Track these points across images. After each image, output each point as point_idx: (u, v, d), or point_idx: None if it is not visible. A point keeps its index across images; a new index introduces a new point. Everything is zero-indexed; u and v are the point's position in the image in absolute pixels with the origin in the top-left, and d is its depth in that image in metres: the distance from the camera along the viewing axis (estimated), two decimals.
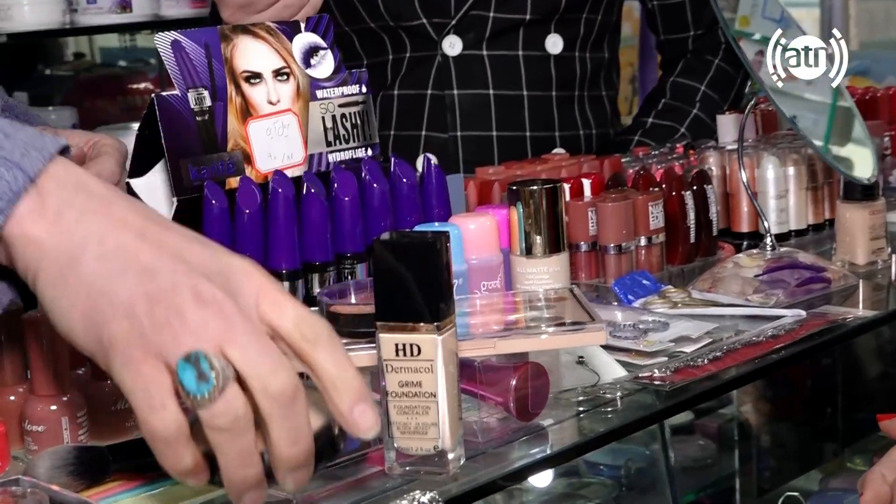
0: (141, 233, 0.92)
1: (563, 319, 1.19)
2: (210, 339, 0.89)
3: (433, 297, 1.04)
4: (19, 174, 0.92)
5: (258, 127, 1.40)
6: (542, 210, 1.35)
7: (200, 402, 0.88)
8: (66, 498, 1.02)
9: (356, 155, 1.49)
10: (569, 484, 2.16)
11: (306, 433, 0.92)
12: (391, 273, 1.05)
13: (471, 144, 2.11)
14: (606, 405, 1.24)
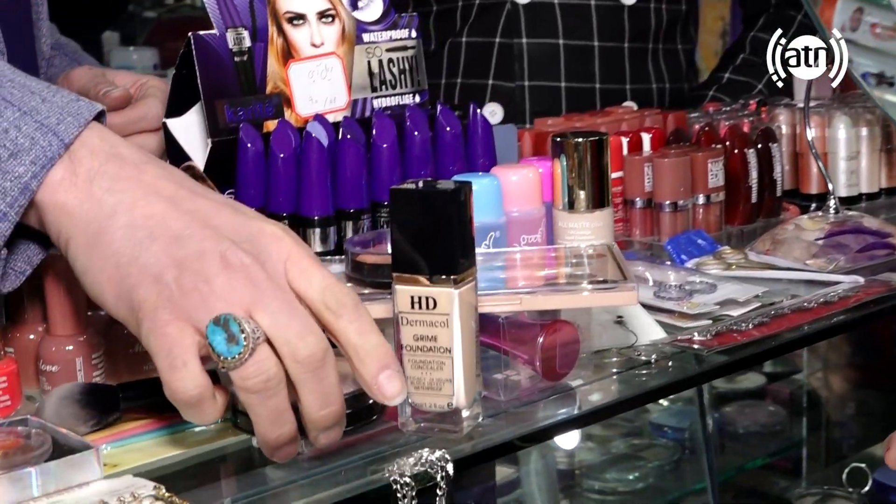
0: (171, 200, 0.93)
1: (595, 277, 1.14)
2: (238, 303, 0.89)
3: (451, 250, 1.00)
4: (54, 140, 0.93)
5: (299, 69, 1.36)
6: (585, 164, 1.30)
7: (231, 364, 0.89)
8: (69, 440, 1.00)
9: (403, 101, 1.45)
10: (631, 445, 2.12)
11: (336, 395, 0.93)
12: (407, 223, 1.01)
13: (538, 95, 2.07)
14: (641, 367, 1.19)
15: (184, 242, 0.91)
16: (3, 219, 0.93)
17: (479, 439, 1.05)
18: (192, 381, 0.89)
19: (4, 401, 1.07)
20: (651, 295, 1.34)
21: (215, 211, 0.94)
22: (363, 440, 1.04)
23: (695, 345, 1.22)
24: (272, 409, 0.91)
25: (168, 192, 0.94)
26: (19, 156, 0.92)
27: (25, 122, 0.93)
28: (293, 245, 0.93)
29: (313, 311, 0.92)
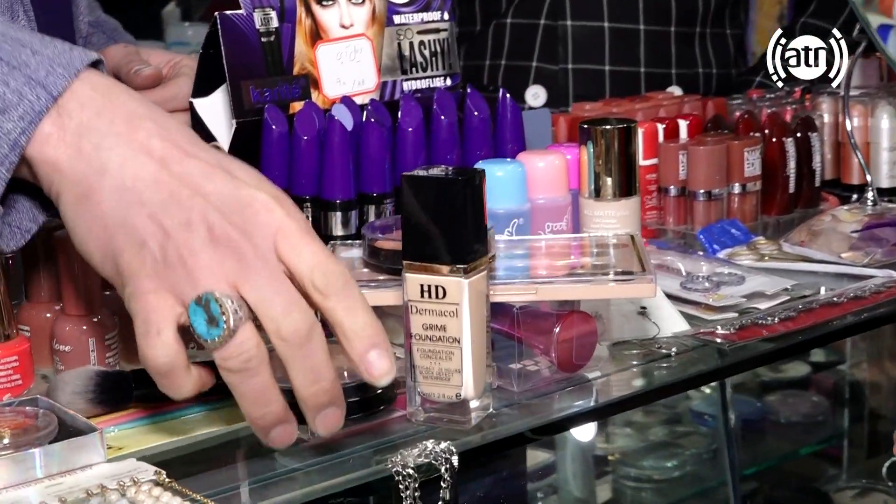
0: (162, 161, 0.91)
1: (615, 268, 1.12)
2: (224, 279, 0.88)
3: (462, 238, 0.99)
4: (42, 93, 0.91)
5: (328, 51, 1.35)
6: (613, 151, 1.28)
7: (211, 346, 0.88)
8: (76, 421, 1.00)
9: (433, 84, 1.43)
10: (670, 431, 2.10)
11: (325, 372, 0.91)
12: (418, 210, 1.00)
13: (582, 78, 2.05)
14: (661, 360, 1.17)
15: (171, 210, 0.89)
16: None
17: (488, 430, 1.04)
18: (163, 349, 0.88)
19: (15, 380, 1.07)
20: (678, 286, 1.32)
21: (207, 175, 0.91)
22: (371, 429, 1.03)
23: (717, 338, 1.20)
24: (253, 389, 0.90)
25: (159, 151, 0.91)
26: (7, 112, 0.90)
27: (14, 77, 0.91)
28: (284, 217, 0.91)
29: (302, 288, 0.91)
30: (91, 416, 1.04)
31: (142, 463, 0.97)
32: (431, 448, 0.98)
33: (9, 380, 1.07)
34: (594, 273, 1.12)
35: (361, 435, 1.02)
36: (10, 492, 0.93)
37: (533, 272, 1.14)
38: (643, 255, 1.14)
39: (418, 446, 0.98)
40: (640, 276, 1.09)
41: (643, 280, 1.08)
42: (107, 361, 1.11)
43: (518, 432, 1.06)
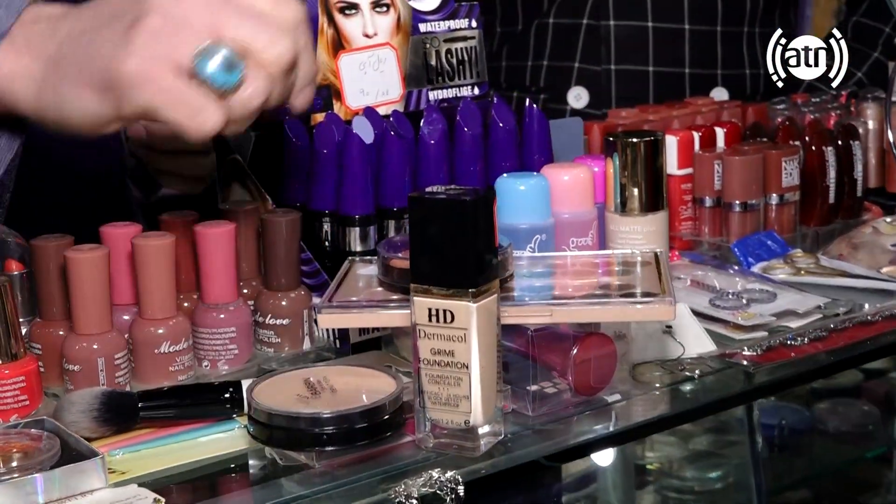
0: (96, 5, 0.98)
1: (635, 289, 1.09)
2: (205, 29, 0.92)
3: (469, 262, 0.96)
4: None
5: (350, 61, 1.33)
6: (639, 164, 1.24)
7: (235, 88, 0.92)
8: (79, 445, 0.98)
9: (461, 93, 1.41)
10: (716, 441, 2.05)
11: None
12: (425, 232, 0.97)
13: (625, 79, 2.01)
14: (684, 383, 1.14)
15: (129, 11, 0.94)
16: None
17: (499, 457, 1.01)
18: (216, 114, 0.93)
19: (22, 400, 1.06)
20: (707, 303, 1.28)
21: None
22: (379, 455, 1.01)
23: (743, 360, 1.17)
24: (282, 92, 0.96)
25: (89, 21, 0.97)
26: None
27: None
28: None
29: None
30: (97, 436, 1.03)
31: (142, 490, 0.96)
32: (437, 477, 0.96)
33: (16, 400, 1.05)
34: (613, 294, 1.08)
35: (369, 461, 1.00)
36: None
37: (551, 292, 1.11)
38: (666, 274, 1.11)
39: (423, 475, 0.96)
40: (659, 298, 1.05)
41: (662, 303, 1.05)
42: (116, 381, 1.10)
43: (531, 459, 1.03)
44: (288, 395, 1.01)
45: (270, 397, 1.01)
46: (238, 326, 1.16)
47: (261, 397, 1.01)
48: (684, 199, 1.52)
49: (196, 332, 1.16)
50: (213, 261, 1.15)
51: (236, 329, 1.16)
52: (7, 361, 1.06)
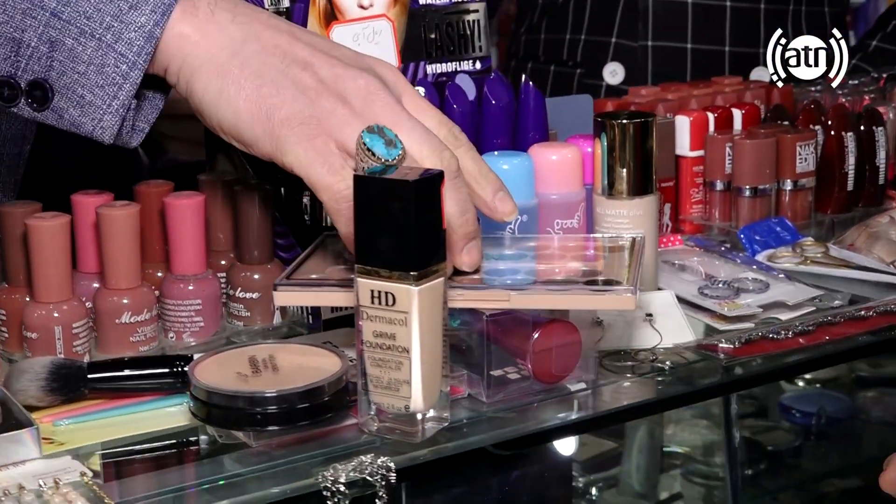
0: (291, 33, 1.02)
1: (600, 275, 1.06)
2: (376, 122, 0.98)
3: (411, 244, 0.93)
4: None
5: (343, 32, 1.30)
6: (627, 146, 1.21)
7: (389, 165, 0.96)
8: (20, 414, 0.98)
9: (461, 68, 1.38)
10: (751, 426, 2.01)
11: (471, 206, 1.00)
12: (369, 213, 0.95)
13: (662, 56, 1.96)
14: (654, 374, 1.11)
15: (315, 68, 0.99)
16: (133, 67, 0.99)
17: (445, 444, 0.99)
18: (349, 181, 0.95)
19: None
20: (695, 290, 1.24)
21: (333, 45, 1.04)
22: (321, 436, 0.99)
23: (720, 352, 1.13)
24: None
25: (285, 27, 1.02)
26: (139, 7, 0.98)
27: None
28: (405, 81, 1.05)
29: None
30: (45, 405, 1.02)
31: (75, 462, 0.95)
32: (368, 462, 0.94)
33: None
34: (578, 281, 1.05)
35: (311, 443, 0.98)
36: None
37: (516, 276, 1.08)
38: (636, 262, 1.07)
39: (355, 460, 0.94)
40: (621, 287, 1.02)
41: (623, 292, 1.02)
42: (74, 350, 1.09)
43: (478, 447, 1.00)
44: (229, 373, 0.99)
45: (212, 374, 0.99)
46: (204, 298, 1.15)
47: (202, 374, 0.99)
48: (696, 181, 1.48)
49: (162, 303, 1.15)
50: (180, 232, 1.14)
51: (202, 301, 1.15)
52: None
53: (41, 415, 1.02)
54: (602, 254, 1.12)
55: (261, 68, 0.98)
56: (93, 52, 0.98)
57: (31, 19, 0.98)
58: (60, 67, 0.99)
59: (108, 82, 0.99)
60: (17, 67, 1.00)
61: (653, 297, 1.20)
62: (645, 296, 1.19)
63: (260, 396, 0.96)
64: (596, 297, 1.02)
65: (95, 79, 0.99)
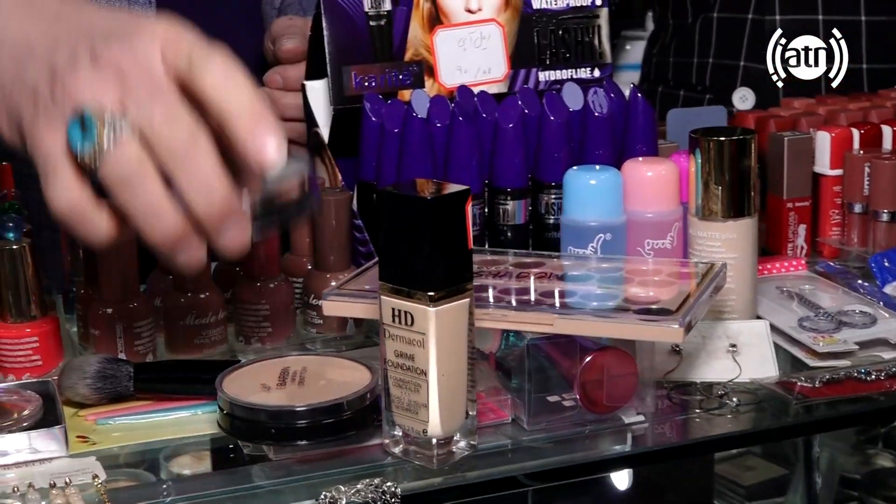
0: (57, 15, 0.91)
1: (656, 304, 1.00)
2: (106, 98, 0.84)
3: (431, 263, 0.90)
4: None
5: (448, 36, 1.28)
6: (724, 165, 1.13)
7: (88, 162, 0.83)
8: (56, 411, 1.00)
9: (578, 75, 1.33)
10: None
11: (217, 184, 0.84)
12: (391, 228, 0.92)
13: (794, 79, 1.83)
14: (716, 410, 1.04)
15: (59, 50, 0.87)
16: None
17: (472, 472, 0.95)
18: (61, 189, 0.84)
19: (35, 360, 1.08)
20: (795, 322, 1.16)
21: (99, 15, 0.90)
22: (345, 454, 0.97)
23: (795, 391, 1.05)
24: (143, 203, 0.84)
25: (53, 9, 0.91)
26: None
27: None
28: (168, 28, 0.87)
29: (184, 79, 0.85)
30: (91, 403, 1.04)
31: (96, 464, 0.96)
32: (374, 486, 0.91)
33: (28, 360, 1.08)
34: (632, 307, 1.00)
35: (334, 460, 0.96)
36: None
37: (571, 299, 1.03)
38: (699, 291, 1.01)
39: (361, 483, 0.91)
40: (667, 318, 0.96)
41: (669, 324, 0.96)
42: (135, 349, 1.10)
43: (505, 476, 0.96)
44: (254, 384, 0.98)
45: (238, 385, 0.98)
46: (273, 304, 1.14)
47: (230, 384, 0.98)
48: (835, 202, 1.39)
49: (236, 305, 1.15)
50: None
51: (270, 307, 1.14)
52: (22, 321, 1.08)
53: (88, 412, 1.03)
54: (670, 279, 1.05)
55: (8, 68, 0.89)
56: None
57: None
58: None
59: None
60: None
61: (743, 326, 1.13)
62: (734, 325, 1.13)
63: (277, 410, 0.94)
64: (641, 327, 0.96)
65: None
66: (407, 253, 0.91)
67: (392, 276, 0.92)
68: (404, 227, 0.91)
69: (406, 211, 0.90)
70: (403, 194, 0.91)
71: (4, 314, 1.08)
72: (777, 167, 1.36)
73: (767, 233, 1.37)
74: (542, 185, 1.22)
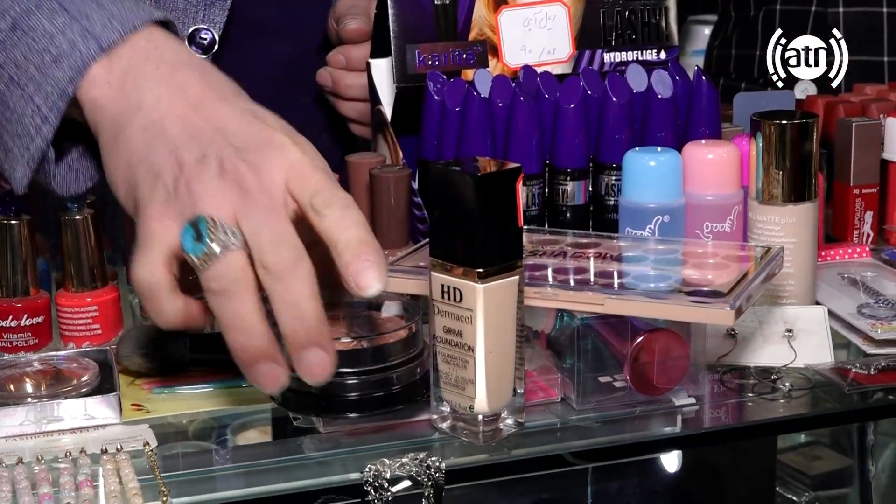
0: (195, 102, 0.94)
1: (709, 286, 0.99)
2: (225, 209, 0.89)
3: (479, 240, 0.90)
4: (93, 45, 0.94)
5: (513, 16, 1.28)
6: (785, 148, 1.12)
7: (196, 263, 0.88)
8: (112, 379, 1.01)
9: (643, 57, 1.32)
10: None
11: (309, 311, 0.88)
12: (441, 205, 0.92)
13: (856, 72, 1.78)
14: (768, 394, 1.03)
15: (190, 146, 0.91)
16: (45, 122, 0.95)
17: (518, 450, 0.95)
18: (146, 267, 0.89)
19: (95, 329, 1.10)
20: (854, 309, 1.15)
21: (234, 117, 0.93)
22: (393, 427, 0.98)
23: (849, 377, 1.04)
24: (234, 314, 0.88)
25: (194, 94, 0.94)
26: (60, 61, 0.94)
27: (72, 28, 0.95)
28: (298, 154, 0.91)
29: (304, 216, 0.90)
30: (147, 372, 1.05)
31: (149, 431, 0.97)
32: (422, 461, 0.92)
33: (88, 328, 1.10)
34: (684, 290, 0.99)
35: (381, 433, 0.97)
36: (10, 441, 0.96)
37: (625, 279, 1.03)
38: (753, 274, 1.00)
39: (406, 457, 0.92)
40: (717, 301, 0.95)
41: (720, 306, 0.95)
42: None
43: (551, 454, 0.96)
44: None
45: None
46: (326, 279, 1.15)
47: None
48: None
49: None
50: None
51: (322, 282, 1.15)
52: (82, 290, 1.10)
53: (144, 381, 1.05)
54: (726, 262, 1.05)
55: (138, 145, 0.92)
56: (17, 101, 0.95)
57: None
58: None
59: (24, 133, 0.96)
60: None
61: (800, 311, 1.11)
62: (791, 310, 1.12)
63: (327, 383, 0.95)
64: (691, 308, 0.96)
65: (16, 128, 0.96)
66: (456, 229, 0.91)
67: (442, 252, 0.93)
68: (454, 204, 0.91)
69: (456, 187, 0.91)
70: (454, 170, 0.91)
71: (66, 284, 1.10)
72: (844, 153, 1.35)
73: (834, 219, 1.36)
74: (603, 167, 1.22)
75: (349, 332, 0.99)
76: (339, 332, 0.98)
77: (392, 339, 0.97)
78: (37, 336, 1.09)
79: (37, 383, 1.00)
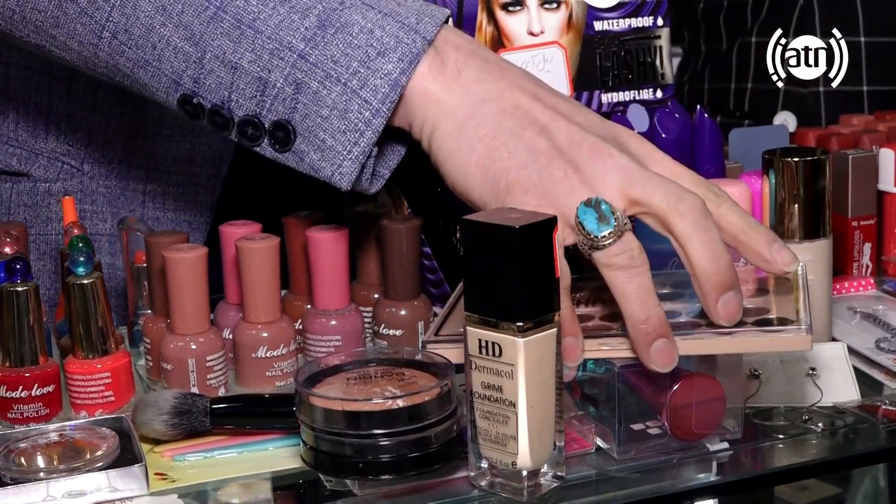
0: (534, 96, 1.00)
1: (769, 314, 0.98)
2: (608, 190, 0.95)
3: (519, 293, 0.89)
4: (417, 38, 0.99)
5: (511, 59, 1.25)
6: (797, 185, 1.12)
7: (599, 243, 0.92)
8: (134, 448, 0.98)
9: (640, 97, 1.31)
10: None
11: (724, 253, 0.94)
12: (476, 258, 0.90)
13: (836, 101, 1.81)
14: (803, 435, 1.02)
15: (552, 133, 0.96)
16: (377, 115, 0.98)
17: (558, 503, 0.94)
18: None
19: (108, 396, 1.07)
20: (872, 344, 1.14)
21: (575, 109, 1.00)
22: (431, 487, 0.95)
23: (880, 415, 1.03)
24: (640, 287, 0.92)
25: (530, 88, 1.00)
26: (386, 54, 0.98)
27: (388, 23, 0.99)
28: (653, 147, 1.00)
29: None
30: (167, 439, 1.02)
31: (179, 501, 0.94)
32: None
33: (100, 395, 1.07)
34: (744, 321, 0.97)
35: (419, 494, 0.95)
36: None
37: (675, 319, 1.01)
38: (804, 295, 0.99)
39: None
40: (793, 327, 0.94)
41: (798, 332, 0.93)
42: (208, 383, 1.08)
43: None
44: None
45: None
46: (345, 335, 1.13)
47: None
48: None
49: (305, 336, 1.14)
50: (321, 266, 1.12)
51: (342, 337, 1.13)
52: (94, 357, 1.07)
53: (164, 448, 1.02)
54: (769, 288, 1.03)
55: (495, 130, 0.97)
56: (337, 97, 0.98)
57: (278, 60, 0.99)
58: (304, 110, 0.99)
59: (350, 128, 0.98)
60: (261, 107, 1.00)
61: (821, 349, 1.11)
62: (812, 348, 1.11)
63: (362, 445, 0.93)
64: (768, 339, 0.94)
65: (338, 124, 0.98)
66: (494, 283, 0.89)
67: (478, 307, 0.91)
68: (491, 257, 0.89)
69: (493, 240, 0.89)
70: (490, 223, 0.89)
71: (76, 350, 1.07)
72: (841, 186, 1.35)
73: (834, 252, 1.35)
74: None
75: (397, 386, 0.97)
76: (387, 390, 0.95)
77: (428, 398, 0.94)
78: (48, 406, 1.06)
79: (55, 457, 0.97)
